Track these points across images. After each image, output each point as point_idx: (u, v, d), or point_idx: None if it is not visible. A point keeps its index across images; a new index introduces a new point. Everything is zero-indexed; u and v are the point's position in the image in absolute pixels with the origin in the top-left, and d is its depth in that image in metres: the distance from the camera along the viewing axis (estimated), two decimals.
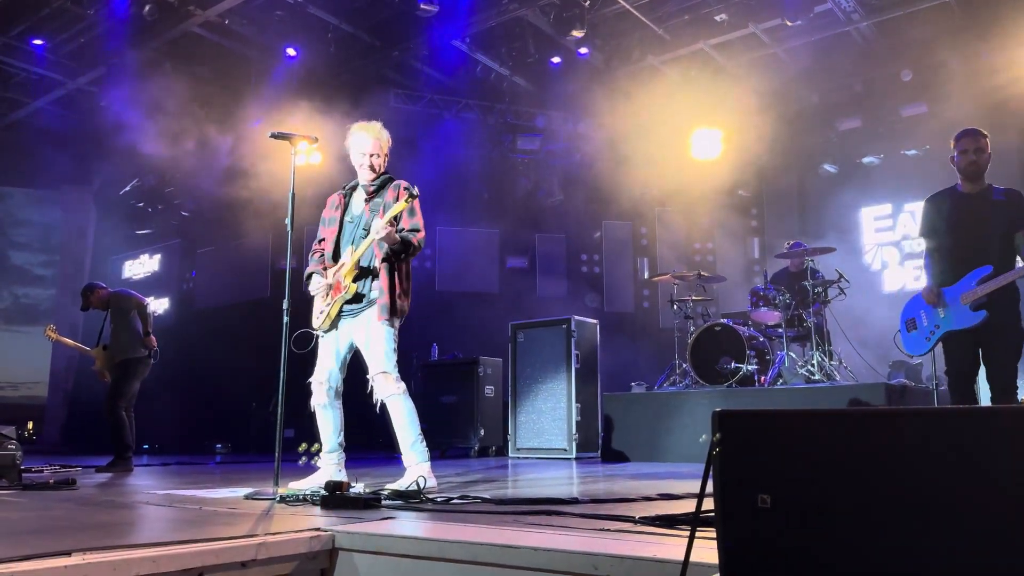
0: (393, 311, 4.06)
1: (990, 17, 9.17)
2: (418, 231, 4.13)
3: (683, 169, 11.85)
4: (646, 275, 12.22)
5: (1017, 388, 4.30)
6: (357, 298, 4.11)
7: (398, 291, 4.10)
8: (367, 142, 4.19)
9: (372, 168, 4.19)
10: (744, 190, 11.69)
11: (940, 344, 4.55)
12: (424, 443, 4.11)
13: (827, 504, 1.37)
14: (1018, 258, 4.40)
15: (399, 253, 4.08)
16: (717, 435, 1.48)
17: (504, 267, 12.20)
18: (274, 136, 4.19)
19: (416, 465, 4.04)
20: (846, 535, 1.34)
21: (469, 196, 11.88)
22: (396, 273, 4.11)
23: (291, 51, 9.73)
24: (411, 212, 4.14)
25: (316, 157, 9.03)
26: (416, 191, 4.10)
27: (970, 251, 4.43)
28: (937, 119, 9.70)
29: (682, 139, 11.19)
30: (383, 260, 4.08)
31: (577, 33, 9.15)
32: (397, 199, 4.08)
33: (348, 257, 4.12)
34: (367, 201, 4.22)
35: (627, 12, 9.17)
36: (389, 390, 4.03)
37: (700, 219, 12.13)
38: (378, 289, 4.07)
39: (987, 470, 1.24)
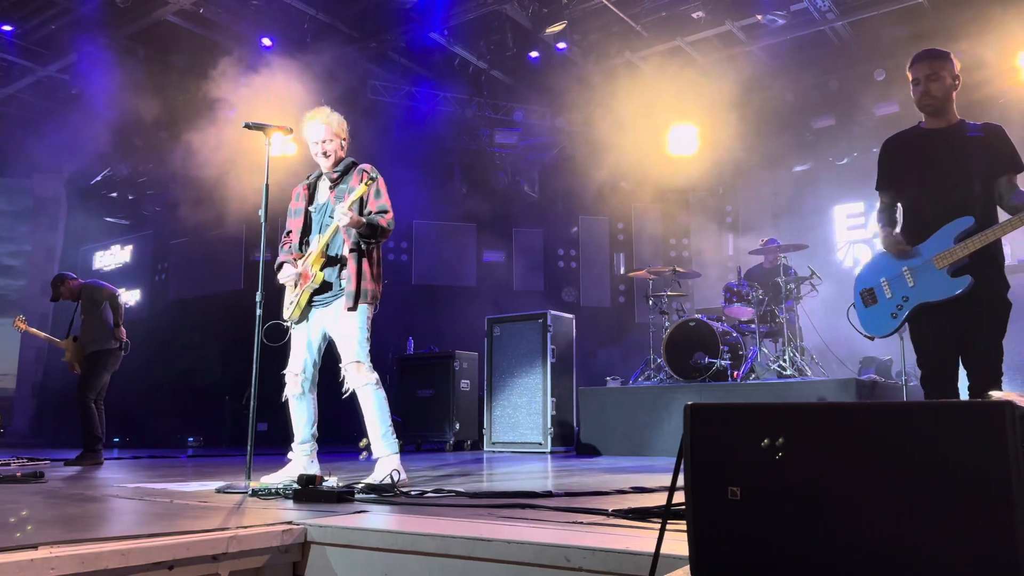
0: (359, 298, 4.00)
1: (961, 18, 9.29)
2: (386, 212, 4.07)
3: (660, 165, 11.92)
4: (622, 270, 12.28)
5: (1002, 372, 3.31)
6: (326, 287, 4.07)
7: (367, 278, 4.05)
8: (316, 130, 4.15)
9: (326, 155, 4.15)
10: (720, 186, 11.78)
11: (907, 324, 3.51)
12: (394, 435, 4.08)
13: (794, 496, 1.39)
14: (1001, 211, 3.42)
15: (367, 238, 4.03)
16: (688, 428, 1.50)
17: (481, 261, 12.20)
18: (248, 126, 4.15)
19: (386, 457, 4.01)
20: (811, 527, 1.36)
21: (446, 189, 11.85)
22: (364, 259, 4.06)
23: (267, 41, 9.63)
24: (377, 194, 4.09)
25: (291, 148, 8.96)
26: (375, 174, 4.07)
27: (943, 200, 3.43)
28: (909, 119, 9.79)
29: (659, 135, 11.24)
30: (352, 248, 4.04)
31: (555, 28, 9.16)
32: (365, 182, 4.07)
33: (315, 245, 4.09)
34: (332, 188, 4.18)
35: (605, 7, 9.18)
36: (360, 380, 4.00)
37: (676, 215, 12.21)
38: (346, 277, 4.03)
39: (945, 464, 1.27)
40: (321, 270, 4.05)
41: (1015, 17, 8.87)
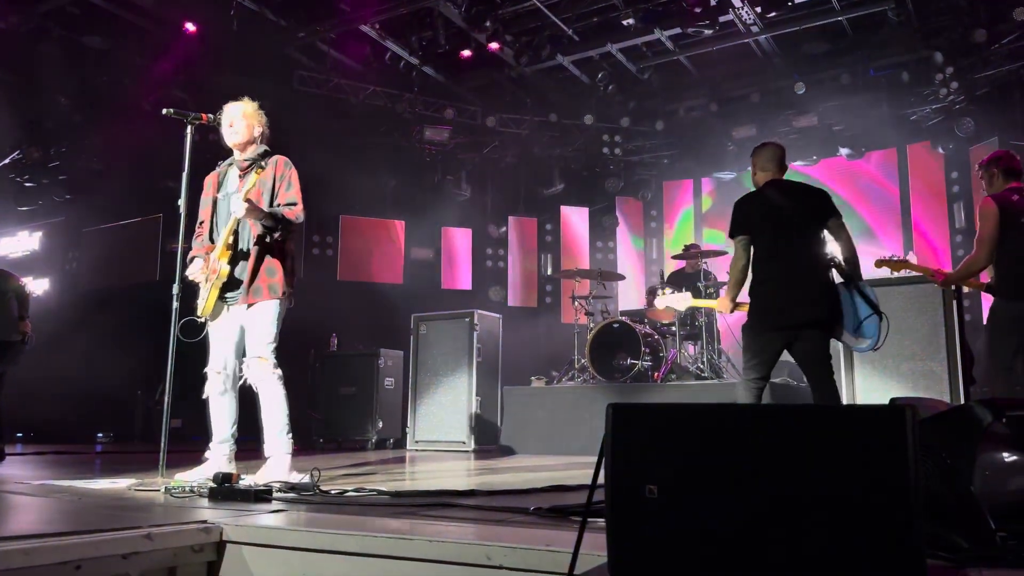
0: (257, 293, 3.88)
1: (878, 37, 9.72)
2: (294, 205, 3.94)
3: (588, 167, 12.10)
4: (549, 271, 12.38)
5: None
6: (236, 282, 3.93)
7: (277, 272, 3.92)
8: (228, 113, 4.05)
9: (233, 137, 4.03)
10: (645, 191, 12.01)
11: None
12: (290, 435, 3.96)
13: (707, 494, 1.43)
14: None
15: (272, 230, 3.90)
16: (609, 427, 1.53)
17: (409, 258, 12.11)
18: (168, 114, 4.02)
19: (280, 455, 3.90)
20: (725, 525, 1.41)
21: (375, 185, 11.71)
22: (270, 253, 3.93)
23: (190, 26, 9.33)
24: (288, 186, 3.97)
25: (212, 137, 8.71)
26: (287, 166, 3.98)
27: None
28: (826, 131, 10.24)
29: (588, 138, 11.40)
30: (256, 241, 3.90)
31: (487, 27, 9.16)
32: (275, 175, 3.94)
33: (220, 237, 3.94)
34: (241, 177, 4.04)
35: (538, 10, 9.23)
36: (261, 375, 3.88)
37: (603, 218, 12.38)
38: (250, 271, 3.90)
39: (851, 464, 1.33)
40: (229, 263, 3.89)
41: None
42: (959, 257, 9.93)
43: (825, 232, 4.15)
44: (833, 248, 4.25)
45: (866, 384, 5.81)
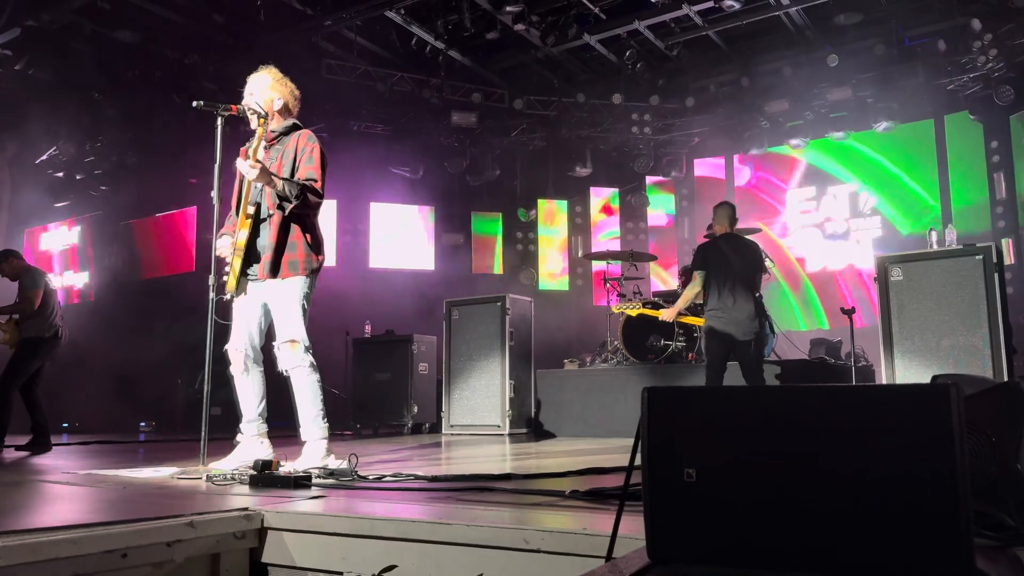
0: (279, 269, 3.78)
1: (914, 5, 9.48)
2: (314, 181, 3.80)
3: (618, 148, 11.99)
4: (580, 253, 12.33)
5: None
6: (255, 256, 3.83)
7: (298, 247, 3.82)
8: (248, 85, 4.01)
9: (249, 109, 3.96)
10: (676, 170, 11.89)
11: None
12: (326, 420, 3.90)
13: (746, 477, 1.41)
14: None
15: (285, 200, 3.75)
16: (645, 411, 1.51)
17: (440, 244, 12.14)
18: (198, 106, 4.03)
19: (316, 441, 3.85)
20: (765, 508, 1.39)
21: (404, 171, 11.75)
22: (290, 226, 3.82)
23: (218, 18, 9.40)
24: (309, 159, 3.84)
25: (242, 128, 8.77)
26: (311, 139, 3.90)
27: None
28: (860, 103, 10.03)
29: (617, 118, 11.30)
30: (273, 213, 3.80)
31: (513, 8, 9.10)
32: (296, 147, 3.86)
33: (241, 209, 3.85)
34: (267, 150, 3.96)
35: None
36: (294, 361, 3.79)
37: (633, 198, 12.30)
38: (267, 245, 3.81)
39: (895, 444, 1.31)
40: (252, 237, 3.83)
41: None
42: (1000, 229, 9.70)
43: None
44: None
45: (905, 361, 5.71)
